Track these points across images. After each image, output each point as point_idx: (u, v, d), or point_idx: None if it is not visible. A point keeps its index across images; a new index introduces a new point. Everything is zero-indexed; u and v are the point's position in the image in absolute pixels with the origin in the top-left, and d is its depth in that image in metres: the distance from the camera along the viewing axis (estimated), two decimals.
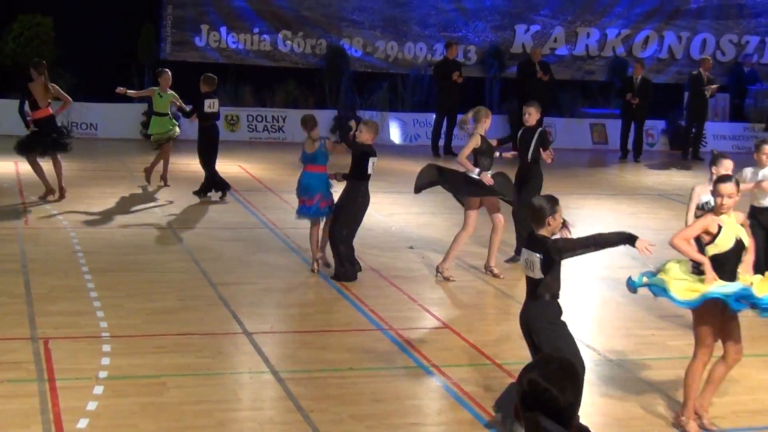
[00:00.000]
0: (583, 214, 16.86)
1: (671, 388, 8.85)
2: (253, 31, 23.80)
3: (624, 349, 9.89)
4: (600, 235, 7.54)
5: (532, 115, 12.68)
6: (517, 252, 12.41)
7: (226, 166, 18.88)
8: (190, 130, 16.90)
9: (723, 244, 7.80)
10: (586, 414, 7.41)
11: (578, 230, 13.96)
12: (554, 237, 7.40)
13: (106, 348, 9.10)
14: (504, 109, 23.90)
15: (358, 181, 11.74)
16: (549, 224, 7.37)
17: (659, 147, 24.81)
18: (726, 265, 7.81)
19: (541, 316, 7.43)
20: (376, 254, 13.00)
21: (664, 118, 25.02)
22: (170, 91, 16.17)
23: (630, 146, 23.06)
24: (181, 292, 11.01)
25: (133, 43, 22.64)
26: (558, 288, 7.45)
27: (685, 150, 23.55)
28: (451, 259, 12.07)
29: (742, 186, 8.67)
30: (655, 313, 10.99)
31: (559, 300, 7.48)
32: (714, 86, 23.14)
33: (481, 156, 12.05)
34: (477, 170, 11.95)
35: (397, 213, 15.63)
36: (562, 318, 7.50)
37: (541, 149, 12.68)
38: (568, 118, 24.58)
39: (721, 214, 7.87)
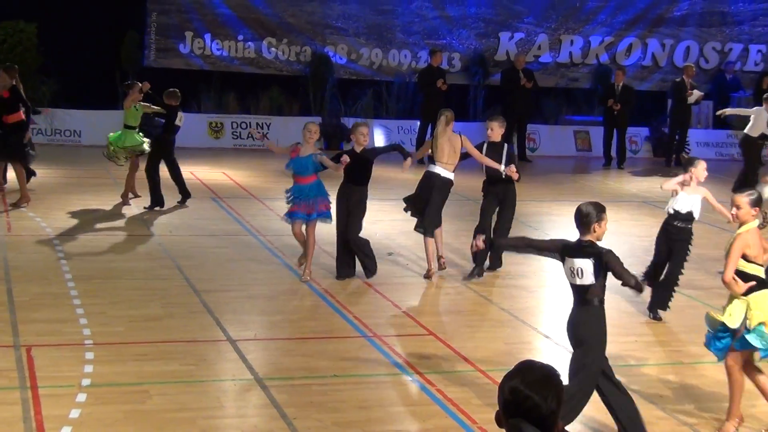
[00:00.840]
0: (566, 221, 16.89)
1: (653, 394, 8.88)
2: (238, 38, 23.79)
3: (608, 355, 9.89)
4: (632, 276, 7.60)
5: (495, 131, 12.40)
6: (477, 266, 12.42)
7: (210, 173, 18.92)
8: (182, 138, 16.71)
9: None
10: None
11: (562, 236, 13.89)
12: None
13: (89, 356, 9.07)
14: (487, 117, 23.90)
15: (365, 186, 12.06)
16: (595, 230, 7.51)
17: (643, 154, 24.87)
18: None
19: (592, 321, 7.54)
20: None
21: (647, 125, 25.09)
22: (141, 103, 15.92)
23: (614, 153, 23.14)
24: (164, 299, 10.99)
25: (116, 51, 22.64)
26: (603, 291, 7.56)
27: (669, 157, 23.62)
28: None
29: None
30: (637, 319, 11.03)
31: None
32: (700, 93, 23.22)
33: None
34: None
35: (382, 220, 15.62)
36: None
37: (511, 166, 12.45)
38: (552, 126, 24.64)
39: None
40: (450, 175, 12.37)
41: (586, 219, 7.50)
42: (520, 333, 10.67)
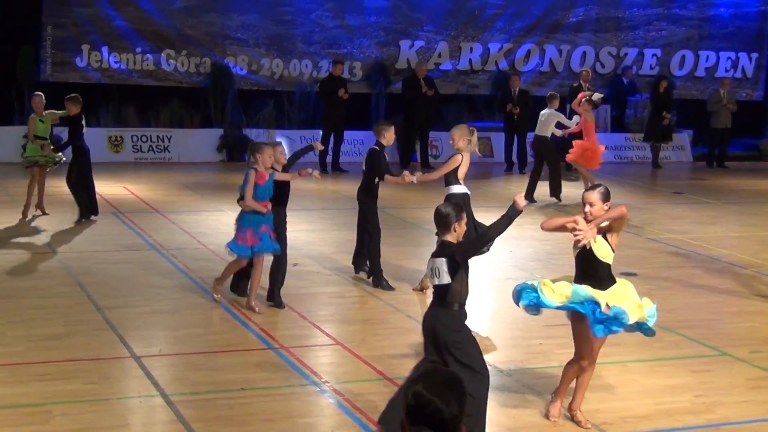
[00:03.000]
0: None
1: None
2: (136, 50, 23.51)
3: (512, 358, 10.00)
4: (492, 226, 7.73)
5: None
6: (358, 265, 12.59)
7: (110, 188, 18.66)
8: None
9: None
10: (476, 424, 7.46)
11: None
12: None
13: None
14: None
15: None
16: (455, 230, 7.54)
17: None
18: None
19: (449, 323, 7.50)
20: (264, 273, 12.90)
21: None
22: (46, 113, 15.69)
23: (515, 158, 23.41)
24: (65, 317, 10.79)
25: (11, 65, 22.18)
26: (466, 294, 7.55)
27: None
28: None
29: None
30: (542, 322, 11.13)
31: (465, 307, 7.60)
32: (600, 95, 23.59)
33: None
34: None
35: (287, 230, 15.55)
36: (466, 323, 7.62)
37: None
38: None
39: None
40: None
41: (446, 219, 7.57)
42: None
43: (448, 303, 7.51)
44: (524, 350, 10.19)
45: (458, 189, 12.02)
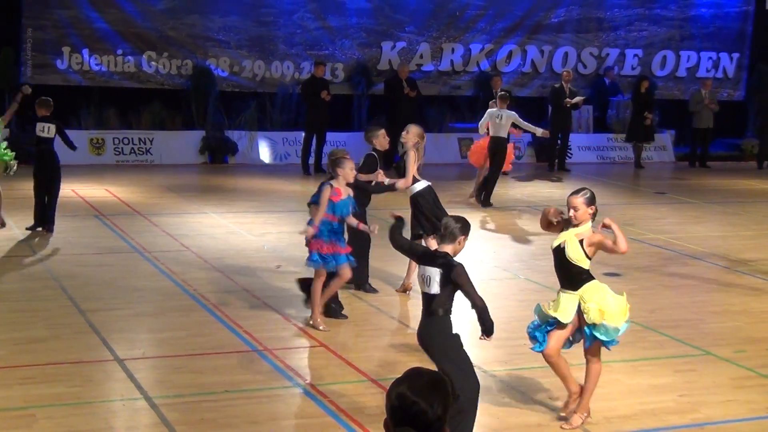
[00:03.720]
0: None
1: (545, 397, 8.98)
2: (117, 52, 23.40)
3: (496, 359, 9.99)
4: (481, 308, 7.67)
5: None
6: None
7: (92, 190, 18.59)
8: (63, 155, 16.18)
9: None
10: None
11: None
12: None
13: None
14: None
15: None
16: (459, 243, 7.60)
17: (526, 159, 25.21)
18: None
19: (436, 332, 7.53)
20: (248, 274, 12.90)
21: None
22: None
23: None
24: (48, 320, 10.73)
25: None
26: (451, 304, 7.60)
27: (551, 161, 24.00)
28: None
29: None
30: (526, 323, 11.12)
31: (451, 315, 7.62)
32: (580, 98, 23.66)
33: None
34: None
35: (269, 233, 15.55)
36: (455, 332, 7.62)
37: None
38: (436, 134, 24.75)
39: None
40: None
41: (454, 231, 7.61)
42: (411, 341, 10.66)
43: (433, 310, 7.57)
44: (509, 351, 10.17)
45: (422, 185, 12.03)
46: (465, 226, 7.67)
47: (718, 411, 8.86)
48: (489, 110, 18.81)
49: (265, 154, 23.57)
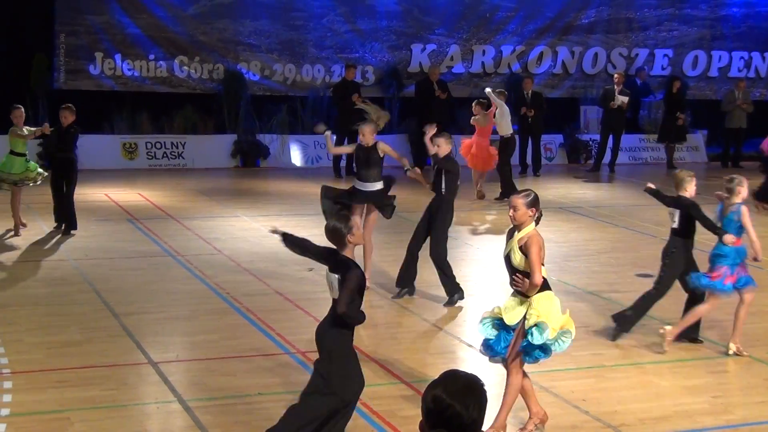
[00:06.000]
0: (486, 228, 17.02)
1: (574, 399, 8.96)
2: (149, 57, 23.56)
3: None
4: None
5: (441, 147, 12.05)
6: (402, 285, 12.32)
7: (125, 195, 18.70)
8: (96, 160, 16.43)
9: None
10: None
11: (485, 245, 14.09)
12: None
13: (8, 385, 8.90)
14: (403, 128, 24.01)
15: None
16: (349, 242, 7.47)
17: (558, 160, 25.16)
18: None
19: (335, 336, 7.44)
20: (280, 277, 12.94)
21: (561, 132, 25.39)
22: (26, 128, 15.35)
23: (529, 161, 23.39)
24: (82, 324, 10.81)
25: (25, 73, 22.24)
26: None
27: (597, 163, 23.97)
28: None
29: None
30: None
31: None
32: (623, 99, 23.56)
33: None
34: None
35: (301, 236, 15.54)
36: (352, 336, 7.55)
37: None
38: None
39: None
40: None
41: (338, 233, 7.50)
42: (444, 343, 10.70)
43: (335, 314, 7.44)
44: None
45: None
46: (346, 223, 7.49)
47: (753, 412, 8.81)
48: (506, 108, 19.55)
49: (296, 157, 23.63)
